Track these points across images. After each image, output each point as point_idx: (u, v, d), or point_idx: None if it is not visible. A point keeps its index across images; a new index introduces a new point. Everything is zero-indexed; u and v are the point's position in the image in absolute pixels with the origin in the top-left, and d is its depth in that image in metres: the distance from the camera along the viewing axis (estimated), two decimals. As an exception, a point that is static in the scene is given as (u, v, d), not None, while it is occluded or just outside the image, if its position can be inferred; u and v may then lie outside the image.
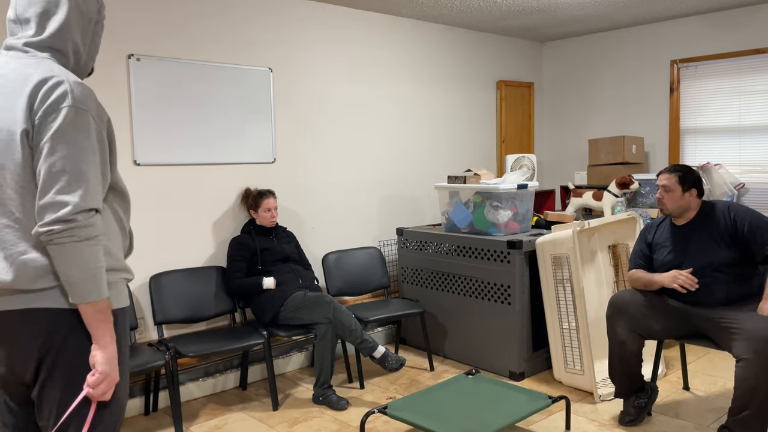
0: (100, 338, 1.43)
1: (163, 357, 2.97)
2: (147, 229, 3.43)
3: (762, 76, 4.51)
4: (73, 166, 1.38)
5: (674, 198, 2.86)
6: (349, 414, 3.26)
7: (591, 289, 3.71)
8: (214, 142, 3.65)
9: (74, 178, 1.38)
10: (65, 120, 1.38)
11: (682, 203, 2.86)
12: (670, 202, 2.87)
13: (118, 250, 1.55)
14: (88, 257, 1.38)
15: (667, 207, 2.88)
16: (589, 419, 3.12)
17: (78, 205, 1.37)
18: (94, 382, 1.43)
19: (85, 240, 1.38)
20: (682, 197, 2.85)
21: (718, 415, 3.12)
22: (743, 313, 2.68)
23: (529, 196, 3.94)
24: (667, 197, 2.87)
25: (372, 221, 4.52)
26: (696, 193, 2.86)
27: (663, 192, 2.88)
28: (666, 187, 2.87)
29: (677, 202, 2.86)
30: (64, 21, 1.48)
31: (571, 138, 5.70)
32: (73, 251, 1.37)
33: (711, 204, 2.89)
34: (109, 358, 1.44)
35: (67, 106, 1.38)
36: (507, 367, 3.71)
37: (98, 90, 3.21)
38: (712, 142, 4.79)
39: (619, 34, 5.28)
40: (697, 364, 3.86)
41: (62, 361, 1.45)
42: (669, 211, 2.90)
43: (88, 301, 1.40)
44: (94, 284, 1.40)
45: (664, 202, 2.88)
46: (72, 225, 1.36)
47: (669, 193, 2.86)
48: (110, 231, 1.52)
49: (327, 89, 4.20)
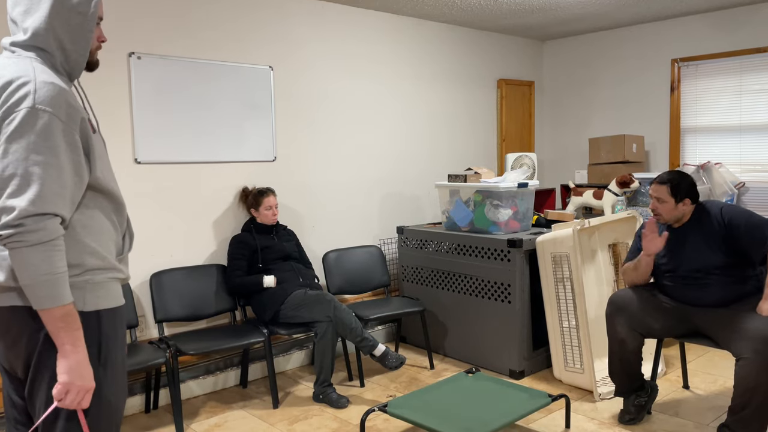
0: (60, 346, 1.40)
1: (163, 355, 2.98)
2: (148, 227, 3.43)
3: (762, 75, 4.51)
4: (24, 169, 1.34)
5: (668, 209, 2.83)
6: (350, 412, 3.26)
7: (591, 288, 3.72)
8: (214, 140, 3.66)
9: (24, 182, 1.34)
10: (21, 122, 1.35)
11: (676, 213, 2.83)
12: (665, 212, 2.84)
13: (106, 250, 1.53)
14: (39, 263, 1.34)
15: (663, 217, 2.86)
16: (588, 418, 3.12)
17: (25, 209, 1.33)
18: (57, 394, 1.40)
19: (35, 245, 1.34)
20: (676, 208, 2.82)
21: (718, 414, 3.12)
22: (742, 312, 2.68)
23: (529, 194, 3.94)
24: (661, 208, 2.84)
25: (372, 219, 4.52)
26: (690, 201, 2.83)
27: (656, 203, 2.85)
28: (659, 199, 2.84)
29: (671, 212, 2.83)
30: (44, 19, 1.44)
31: (571, 137, 5.70)
32: (22, 256, 1.34)
33: (704, 206, 2.86)
34: (72, 366, 1.40)
35: (25, 108, 1.35)
36: (507, 366, 3.71)
37: (99, 88, 3.21)
38: (713, 141, 4.79)
39: (619, 32, 5.27)
40: (697, 363, 3.87)
41: (48, 360, 1.44)
42: (665, 220, 2.87)
43: (44, 308, 1.36)
44: (47, 290, 1.35)
45: (659, 212, 2.86)
46: (20, 230, 1.33)
47: (662, 204, 2.84)
48: (96, 231, 1.51)
49: (328, 88, 4.20)
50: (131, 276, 3.33)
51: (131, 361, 2.89)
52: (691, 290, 2.83)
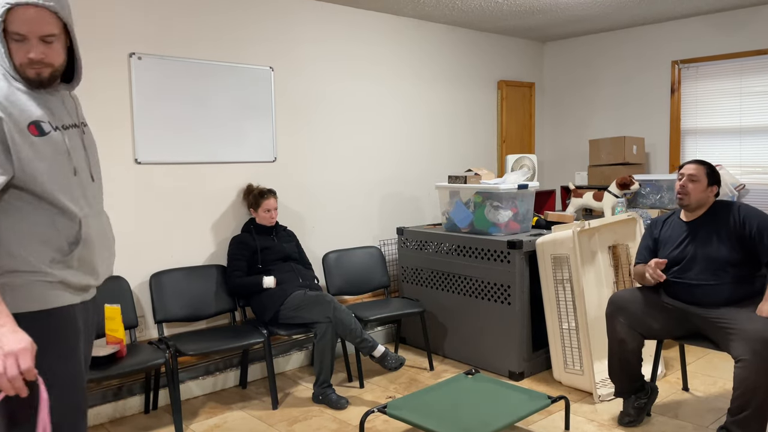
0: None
1: (163, 355, 2.98)
2: (148, 228, 3.43)
3: (763, 77, 4.51)
4: None
5: (699, 189, 2.84)
6: (349, 413, 3.26)
7: (591, 290, 3.71)
8: (215, 140, 3.66)
9: None
10: None
11: (703, 196, 2.85)
12: (695, 192, 2.84)
13: (30, 252, 1.54)
14: None
15: (690, 196, 2.85)
16: (588, 419, 3.12)
17: None
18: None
19: None
20: (706, 190, 2.85)
21: (718, 416, 3.12)
22: (742, 313, 2.68)
23: (529, 196, 3.94)
24: (692, 187, 2.84)
25: (372, 220, 4.53)
26: (716, 190, 2.88)
27: (688, 181, 2.85)
28: (693, 177, 2.84)
29: (701, 193, 2.85)
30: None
31: (571, 138, 5.70)
32: None
33: (721, 203, 2.89)
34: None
35: None
36: (507, 367, 3.71)
37: (99, 89, 3.21)
38: (713, 143, 4.79)
39: (620, 34, 5.28)
40: (697, 365, 3.87)
41: None
42: (689, 200, 2.86)
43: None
44: None
45: (688, 190, 2.85)
46: None
47: (695, 183, 2.84)
48: (17, 231, 1.53)
49: (328, 88, 4.21)
50: (130, 276, 3.34)
51: (131, 362, 2.88)
52: (696, 288, 2.82)
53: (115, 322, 2.97)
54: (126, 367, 2.84)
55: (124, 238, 3.35)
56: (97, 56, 3.20)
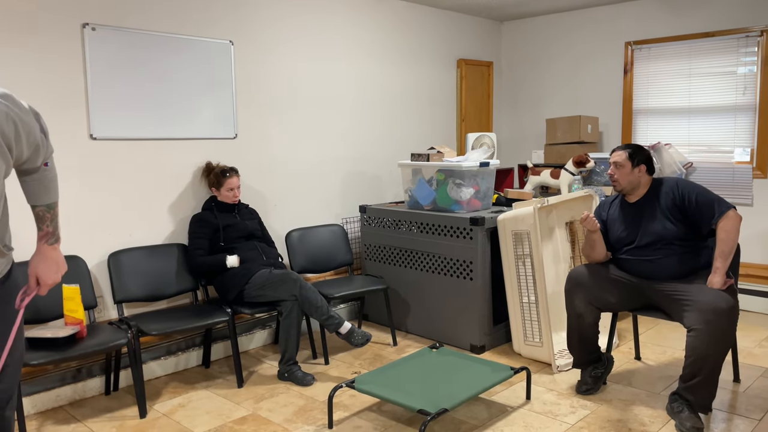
0: None
1: (125, 336, 2.92)
2: (104, 206, 3.33)
3: (711, 59, 4.68)
4: None
5: (624, 173, 2.99)
6: (315, 389, 3.28)
7: (548, 265, 3.82)
8: (173, 116, 3.56)
9: None
10: None
11: (631, 179, 2.99)
12: (621, 177, 3.00)
13: None
14: None
15: (619, 182, 3.02)
16: (547, 389, 3.23)
17: None
18: None
19: None
20: (632, 172, 2.98)
21: (668, 383, 3.28)
22: (693, 285, 2.82)
23: (490, 174, 4.00)
24: (618, 173, 3.01)
25: (335, 199, 4.51)
26: (645, 169, 3.00)
27: (614, 168, 3.03)
28: (617, 164, 3.01)
29: (627, 177, 2.99)
30: None
31: (528, 117, 5.80)
32: None
33: (660, 180, 3.02)
34: None
35: None
36: (468, 341, 3.80)
37: (51, 60, 3.07)
38: (663, 123, 4.96)
39: (576, 15, 5.37)
40: (647, 335, 4.05)
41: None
42: (621, 186, 3.03)
43: None
44: None
45: (616, 178, 3.03)
46: None
47: (620, 169, 3.00)
48: None
49: (288, 65, 4.14)
50: (88, 256, 3.25)
51: (92, 342, 2.81)
52: (647, 263, 2.95)
53: (74, 302, 2.89)
54: (87, 348, 2.77)
55: (81, 217, 3.24)
56: (48, 26, 3.05)
